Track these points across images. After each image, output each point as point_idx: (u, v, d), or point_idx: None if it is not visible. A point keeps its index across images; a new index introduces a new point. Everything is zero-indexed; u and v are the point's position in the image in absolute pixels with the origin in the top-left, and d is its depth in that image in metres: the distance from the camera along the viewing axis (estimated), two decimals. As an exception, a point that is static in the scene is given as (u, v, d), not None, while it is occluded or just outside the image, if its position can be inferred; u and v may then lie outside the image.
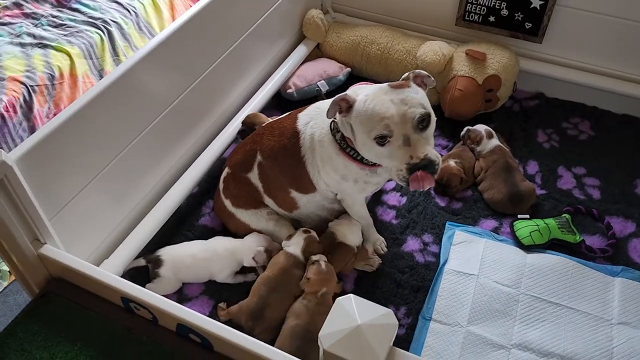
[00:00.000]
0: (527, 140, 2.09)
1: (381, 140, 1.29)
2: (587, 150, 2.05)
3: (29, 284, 1.31)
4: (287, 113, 1.68)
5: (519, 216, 1.79)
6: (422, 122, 1.29)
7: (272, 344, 1.36)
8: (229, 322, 1.46)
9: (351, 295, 0.91)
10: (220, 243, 1.65)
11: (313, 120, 1.53)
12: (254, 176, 1.63)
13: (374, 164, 1.45)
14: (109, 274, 1.21)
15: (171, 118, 1.72)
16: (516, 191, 1.81)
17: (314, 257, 1.53)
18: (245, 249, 1.60)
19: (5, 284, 1.86)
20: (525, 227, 1.74)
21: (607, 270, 1.65)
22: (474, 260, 1.68)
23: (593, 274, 1.64)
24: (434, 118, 1.34)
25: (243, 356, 1.13)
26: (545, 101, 2.25)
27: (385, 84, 1.36)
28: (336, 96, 1.35)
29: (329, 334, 0.86)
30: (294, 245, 1.57)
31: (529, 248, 1.70)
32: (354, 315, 0.87)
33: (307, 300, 1.47)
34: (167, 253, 1.61)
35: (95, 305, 1.25)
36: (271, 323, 1.46)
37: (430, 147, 1.31)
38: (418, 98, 1.32)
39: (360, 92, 1.37)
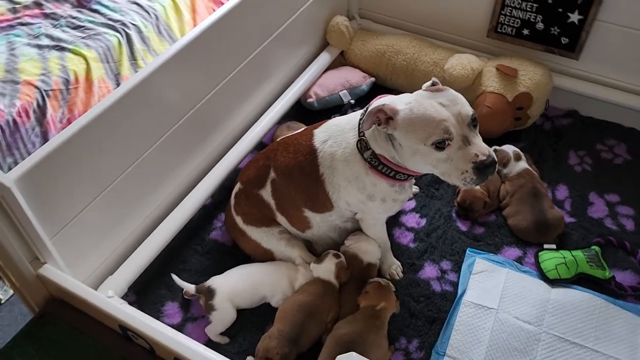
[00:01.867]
0: (557, 162, 1.98)
1: (440, 144, 1.24)
2: (622, 175, 1.93)
3: (29, 303, 1.28)
4: (302, 129, 1.62)
5: (545, 246, 1.69)
6: (475, 121, 1.27)
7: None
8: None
9: (353, 354, 0.84)
10: (269, 265, 1.59)
11: (332, 138, 1.47)
12: (266, 193, 1.57)
13: (406, 179, 1.40)
14: (107, 299, 1.17)
15: (185, 129, 1.67)
16: (543, 219, 1.70)
17: (371, 279, 1.53)
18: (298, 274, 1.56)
19: (11, 292, 1.84)
20: (551, 259, 1.64)
21: (638, 310, 1.54)
22: (494, 293, 1.59)
23: (622, 314, 1.53)
24: None
25: (240, 396, 1.07)
26: (579, 120, 2.13)
27: (420, 90, 1.32)
28: (373, 106, 1.28)
29: (326, 398, 0.79)
30: (326, 270, 1.53)
31: (553, 282, 1.60)
32: (353, 378, 0.80)
33: (359, 314, 1.44)
34: (217, 282, 1.52)
35: (93, 331, 1.21)
36: (304, 348, 1.43)
37: (480, 137, 1.29)
38: (463, 98, 1.30)
39: (395, 102, 1.30)
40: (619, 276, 1.63)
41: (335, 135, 1.46)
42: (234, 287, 1.52)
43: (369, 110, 1.29)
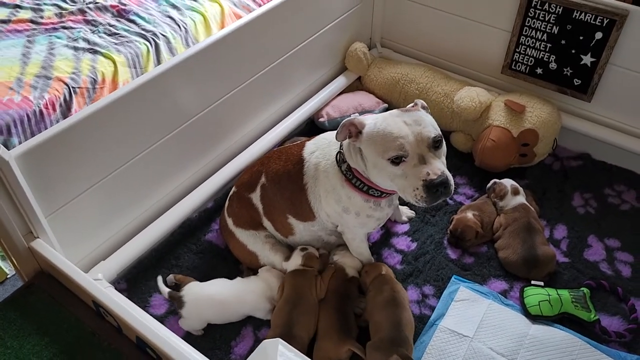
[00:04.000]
0: (560, 201, 1.96)
1: (396, 159, 1.29)
2: (627, 222, 1.89)
3: (20, 273, 1.38)
4: (300, 140, 1.69)
5: (533, 282, 1.67)
6: (437, 143, 1.32)
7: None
8: None
9: (279, 339, 0.88)
10: (246, 284, 1.61)
11: (319, 150, 1.54)
12: (255, 197, 1.64)
13: (380, 195, 1.44)
14: (84, 275, 1.25)
15: (194, 130, 1.76)
16: (533, 254, 1.69)
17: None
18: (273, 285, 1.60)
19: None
20: (535, 294, 1.62)
21: (619, 357, 1.49)
22: (472, 321, 1.58)
23: (602, 359, 1.49)
24: (444, 143, 1.37)
25: (191, 380, 1.12)
26: (590, 163, 2.10)
27: (394, 110, 1.39)
28: (345, 119, 1.36)
29: (243, 376, 0.83)
30: (295, 262, 1.60)
31: (535, 318, 1.58)
32: (273, 361, 0.84)
33: (373, 286, 1.56)
34: (190, 293, 1.54)
35: (71, 305, 1.30)
36: (303, 341, 1.46)
37: (445, 167, 1.32)
38: (430, 120, 1.36)
39: (368, 117, 1.38)
40: (606, 321, 1.59)
41: (323, 147, 1.52)
42: (203, 303, 1.53)
43: (342, 122, 1.35)
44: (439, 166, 1.29)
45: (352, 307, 1.56)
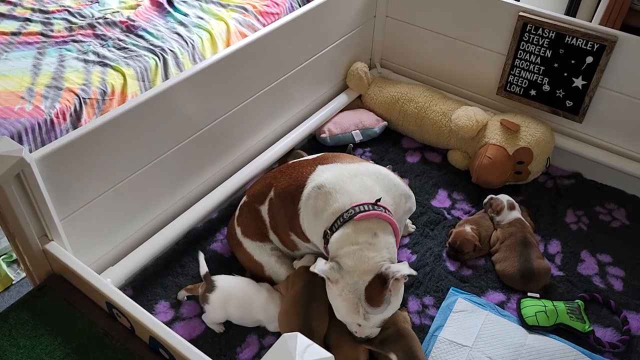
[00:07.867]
0: (554, 218, 2.03)
1: None
2: (618, 238, 1.96)
3: (32, 276, 1.41)
4: (316, 155, 1.71)
5: (529, 294, 1.73)
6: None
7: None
8: None
9: (298, 333, 0.92)
10: (269, 291, 1.63)
11: (320, 187, 1.50)
12: (264, 210, 1.68)
13: None
14: (98, 277, 1.28)
15: (200, 142, 1.81)
16: (529, 268, 1.75)
17: None
18: None
19: (23, 274, 1.98)
20: (531, 306, 1.67)
21: (613, 367, 1.55)
22: (470, 332, 1.63)
23: (597, 368, 1.54)
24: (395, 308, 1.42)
25: (203, 379, 1.15)
26: (581, 182, 2.18)
27: (374, 274, 1.36)
28: (323, 270, 1.37)
29: (265, 367, 0.87)
30: (306, 259, 1.63)
31: (532, 328, 1.63)
32: (293, 353, 0.88)
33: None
34: (222, 281, 1.61)
35: (83, 306, 1.32)
36: (320, 335, 1.49)
37: (374, 328, 1.44)
38: (384, 316, 1.41)
39: (347, 271, 1.37)
40: (600, 332, 1.65)
41: (326, 187, 1.49)
42: (231, 293, 1.59)
43: (329, 268, 1.37)
44: (367, 332, 1.43)
45: None
